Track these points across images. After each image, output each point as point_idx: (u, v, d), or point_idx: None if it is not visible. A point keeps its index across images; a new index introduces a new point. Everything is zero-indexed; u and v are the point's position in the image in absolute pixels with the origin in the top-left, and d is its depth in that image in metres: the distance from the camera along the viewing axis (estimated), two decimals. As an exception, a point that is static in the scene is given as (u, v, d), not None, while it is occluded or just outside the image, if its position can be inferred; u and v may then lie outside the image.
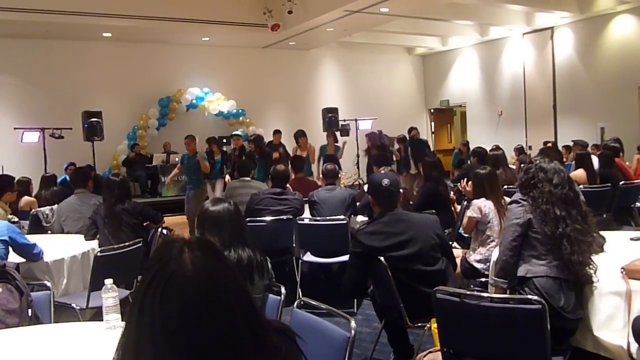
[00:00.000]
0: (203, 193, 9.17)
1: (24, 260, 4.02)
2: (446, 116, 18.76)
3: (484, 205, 4.47)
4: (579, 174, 6.78)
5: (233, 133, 12.22)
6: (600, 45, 13.18)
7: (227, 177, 9.34)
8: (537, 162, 3.18)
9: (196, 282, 1.16)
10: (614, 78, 12.82)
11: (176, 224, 9.01)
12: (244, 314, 1.19)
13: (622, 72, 12.65)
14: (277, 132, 11.34)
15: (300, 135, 10.38)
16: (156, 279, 1.16)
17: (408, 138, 12.07)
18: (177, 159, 12.24)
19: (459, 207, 5.94)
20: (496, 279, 3.15)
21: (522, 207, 3.10)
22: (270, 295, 2.85)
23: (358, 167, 12.63)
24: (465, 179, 5.29)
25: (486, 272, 4.21)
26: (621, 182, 6.78)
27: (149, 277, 1.17)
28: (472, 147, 10.82)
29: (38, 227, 5.90)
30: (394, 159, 11.66)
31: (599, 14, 12.85)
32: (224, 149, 11.21)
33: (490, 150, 7.68)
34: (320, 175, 6.37)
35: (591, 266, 2.91)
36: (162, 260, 1.19)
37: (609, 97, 12.90)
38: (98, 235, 4.91)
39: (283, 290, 2.79)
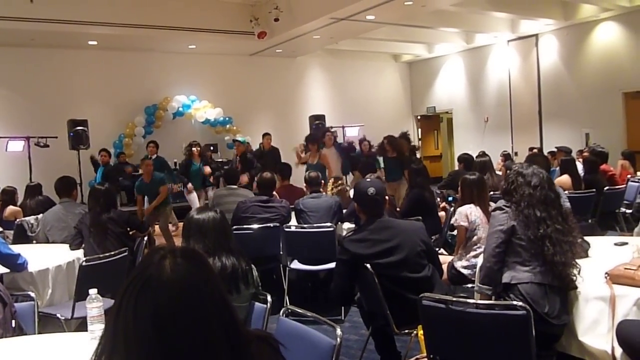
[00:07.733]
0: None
1: (7, 270, 3.98)
2: (433, 123, 18.87)
3: (469, 212, 4.49)
4: (564, 179, 6.84)
5: (233, 139, 11.98)
6: (584, 52, 13.33)
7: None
8: (516, 168, 3.23)
9: (172, 288, 1.15)
10: (598, 84, 12.96)
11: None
12: (221, 325, 1.17)
13: (606, 78, 12.79)
14: (266, 135, 11.23)
15: (310, 141, 9.47)
16: (134, 282, 1.16)
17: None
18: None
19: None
20: (481, 285, 3.16)
21: (506, 213, 3.12)
22: (257, 304, 2.84)
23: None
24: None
25: (473, 278, 4.23)
26: (605, 188, 6.85)
27: (128, 280, 1.17)
28: (458, 153, 10.87)
29: (23, 236, 5.84)
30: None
31: (582, 21, 13.01)
32: (212, 156, 11.08)
33: (476, 157, 7.75)
34: (304, 184, 6.32)
35: (575, 267, 2.93)
36: (143, 265, 1.19)
37: (594, 103, 13.03)
38: (83, 245, 4.86)
39: (269, 298, 2.79)
